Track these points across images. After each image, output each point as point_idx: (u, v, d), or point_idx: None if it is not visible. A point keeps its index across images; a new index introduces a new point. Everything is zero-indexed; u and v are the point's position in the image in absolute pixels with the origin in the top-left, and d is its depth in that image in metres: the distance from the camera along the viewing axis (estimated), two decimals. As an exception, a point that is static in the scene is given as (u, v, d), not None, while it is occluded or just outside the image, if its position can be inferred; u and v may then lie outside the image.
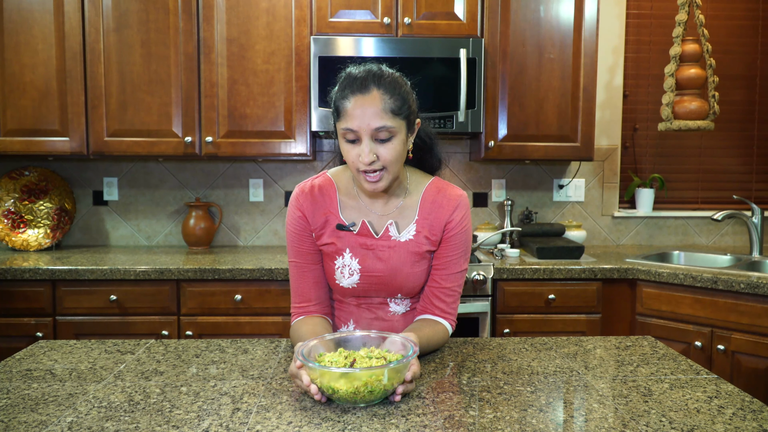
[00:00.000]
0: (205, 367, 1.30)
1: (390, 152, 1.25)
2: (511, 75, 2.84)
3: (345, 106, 1.25)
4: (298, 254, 1.43)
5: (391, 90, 1.25)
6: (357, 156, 1.26)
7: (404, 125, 1.28)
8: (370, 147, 1.24)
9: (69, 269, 2.50)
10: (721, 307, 2.37)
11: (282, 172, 3.22)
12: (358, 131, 1.24)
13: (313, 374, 1.06)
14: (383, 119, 1.23)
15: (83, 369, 1.29)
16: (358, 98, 1.24)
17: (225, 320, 2.55)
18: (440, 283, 1.41)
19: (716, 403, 1.10)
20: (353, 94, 1.24)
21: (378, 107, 1.23)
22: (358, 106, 1.23)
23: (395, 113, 1.25)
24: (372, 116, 1.23)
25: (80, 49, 2.74)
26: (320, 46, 2.71)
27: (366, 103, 1.23)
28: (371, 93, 1.24)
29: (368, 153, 1.23)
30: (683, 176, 3.39)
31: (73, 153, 2.79)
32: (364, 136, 1.24)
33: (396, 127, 1.25)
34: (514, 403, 1.10)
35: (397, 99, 1.25)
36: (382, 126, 1.23)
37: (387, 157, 1.25)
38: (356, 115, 1.23)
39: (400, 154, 1.28)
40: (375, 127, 1.23)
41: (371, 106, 1.23)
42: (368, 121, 1.23)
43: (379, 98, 1.23)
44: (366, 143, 1.24)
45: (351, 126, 1.24)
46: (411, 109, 1.30)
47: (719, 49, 3.27)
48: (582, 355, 1.40)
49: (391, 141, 1.25)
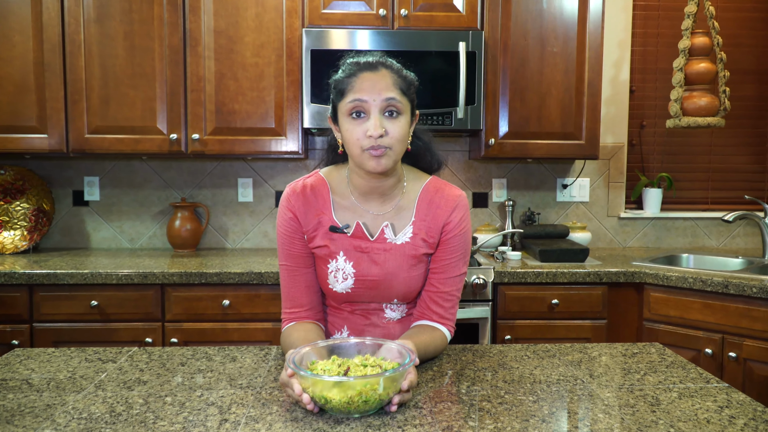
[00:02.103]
0: (191, 376, 1.30)
1: (398, 129, 1.30)
2: (513, 69, 2.85)
3: (352, 81, 1.31)
4: (289, 257, 1.43)
5: (400, 72, 1.35)
6: (364, 132, 1.29)
7: (409, 107, 1.35)
8: (380, 120, 1.28)
9: (47, 273, 2.49)
10: (732, 312, 2.38)
11: (272, 171, 3.22)
12: (368, 101, 1.29)
13: (305, 383, 1.06)
14: (393, 92, 1.30)
15: (62, 378, 1.28)
16: (367, 74, 1.31)
17: (212, 327, 2.55)
18: (438, 288, 1.42)
19: (727, 413, 1.11)
20: (362, 72, 1.31)
21: (389, 82, 1.30)
22: (368, 79, 1.30)
23: (403, 91, 1.32)
24: (383, 89, 1.29)
25: (59, 40, 2.73)
26: (312, 39, 2.71)
27: (376, 77, 1.30)
28: (380, 71, 1.32)
29: (378, 125, 1.27)
30: (692, 175, 3.41)
31: (52, 151, 2.78)
32: (374, 109, 1.29)
33: (403, 104, 1.32)
34: (515, 414, 1.10)
35: (404, 81, 1.34)
36: (393, 98, 1.29)
37: (394, 133, 1.30)
38: (366, 87, 1.29)
39: (405, 136, 1.33)
40: (385, 97, 1.29)
41: (382, 80, 1.30)
42: (379, 91, 1.29)
43: (388, 75, 1.31)
44: (375, 115, 1.29)
45: (361, 96, 1.29)
46: (414, 94, 1.37)
47: (730, 42, 3.29)
48: (587, 362, 1.41)
49: (399, 119, 1.31)
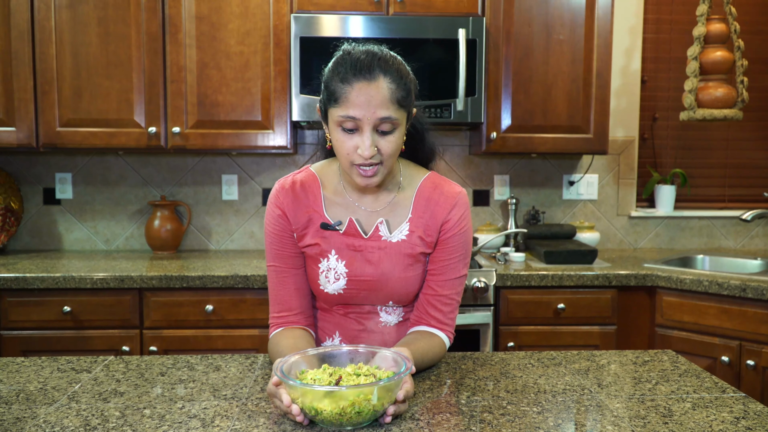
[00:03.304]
0: (171, 387, 1.30)
1: (390, 145, 1.29)
2: (516, 58, 2.85)
3: (345, 91, 1.25)
4: (277, 258, 1.44)
5: (398, 79, 1.28)
6: (354, 148, 1.28)
7: (406, 117, 1.32)
8: (372, 139, 1.26)
9: (15, 277, 2.48)
10: (750, 317, 2.39)
11: (259, 167, 3.22)
12: (361, 120, 1.25)
13: (294, 393, 1.06)
14: (389, 110, 1.26)
15: (32, 390, 1.28)
16: (362, 85, 1.25)
17: (194, 334, 2.55)
18: (436, 291, 1.42)
19: (743, 425, 1.11)
20: (357, 79, 1.25)
21: (385, 96, 1.25)
22: (363, 93, 1.24)
23: (400, 104, 1.28)
24: (378, 105, 1.25)
25: (28, 27, 2.72)
26: (302, 26, 2.70)
27: (372, 90, 1.24)
28: (377, 80, 1.25)
29: (369, 146, 1.26)
30: (708, 171, 3.42)
31: (21, 145, 2.77)
32: (366, 127, 1.26)
33: (399, 119, 1.29)
34: (518, 426, 1.10)
35: (403, 89, 1.28)
36: (388, 117, 1.26)
37: (387, 150, 1.29)
38: (360, 103, 1.24)
39: (399, 148, 1.32)
40: (380, 117, 1.25)
41: (378, 94, 1.25)
42: (374, 110, 1.25)
43: (386, 87, 1.25)
44: (367, 135, 1.26)
45: (353, 114, 1.25)
46: (413, 99, 1.34)
47: (748, 30, 3.30)
48: (595, 371, 1.41)
49: (393, 134, 1.29)
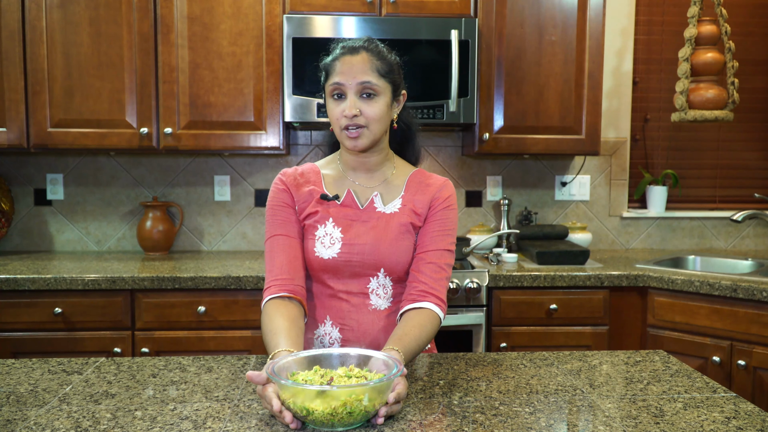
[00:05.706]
0: (163, 389, 1.29)
1: (373, 110, 1.46)
2: (508, 59, 2.86)
3: (333, 64, 1.48)
4: (281, 226, 1.52)
5: (378, 55, 1.49)
6: (341, 112, 1.46)
7: (389, 89, 1.50)
8: (354, 101, 1.45)
9: (6, 278, 2.47)
10: (741, 318, 2.41)
11: (251, 168, 3.21)
12: (344, 85, 1.46)
13: (285, 394, 1.06)
14: (369, 76, 1.46)
15: (23, 392, 1.27)
16: (348, 58, 1.47)
17: (186, 335, 2.54)
18: (424, 259, 1.50)
19: (734, 425, 1.12)
20: (343, 55, 1.48)
21: (366, 65, 1.46)
22: (347, 63, 1.47)
23: (380, 74, 1.47)
24: (359, 72, 1.45)
25: (19, 27, 2.71)
26: (294, 26, 2.70)
27: (354, 61, 1.47)
28: (360, 54, 1.48)
29: (351, 105, 1.44)
30: (699, 172, 3.44)
31: (11, 146, 2.75)
32: (349, 92, 1.46)
33: (380, 86, 1.47)
34: (510, 426, 1.11)
35: (384, 63, 1.49)
36: (368, 81, 1.45)
37: (369, 114, 1.46)
38: (344, 71, 1.46)
39: (383, 115, 1.48)
40: (360, 81, 1.45)
41: (359, 63, 1.46)
42: (354, 75, 1.45)
43: (367, 58, 1.47)
44: (350, 97, 1.45)
45: (338, 80, 1.46)
46: (396, 76, 1.52)
47: (739, 31, 3.32)
48: (587, 371, 1.42)
49: (375, 100, 1.47)
